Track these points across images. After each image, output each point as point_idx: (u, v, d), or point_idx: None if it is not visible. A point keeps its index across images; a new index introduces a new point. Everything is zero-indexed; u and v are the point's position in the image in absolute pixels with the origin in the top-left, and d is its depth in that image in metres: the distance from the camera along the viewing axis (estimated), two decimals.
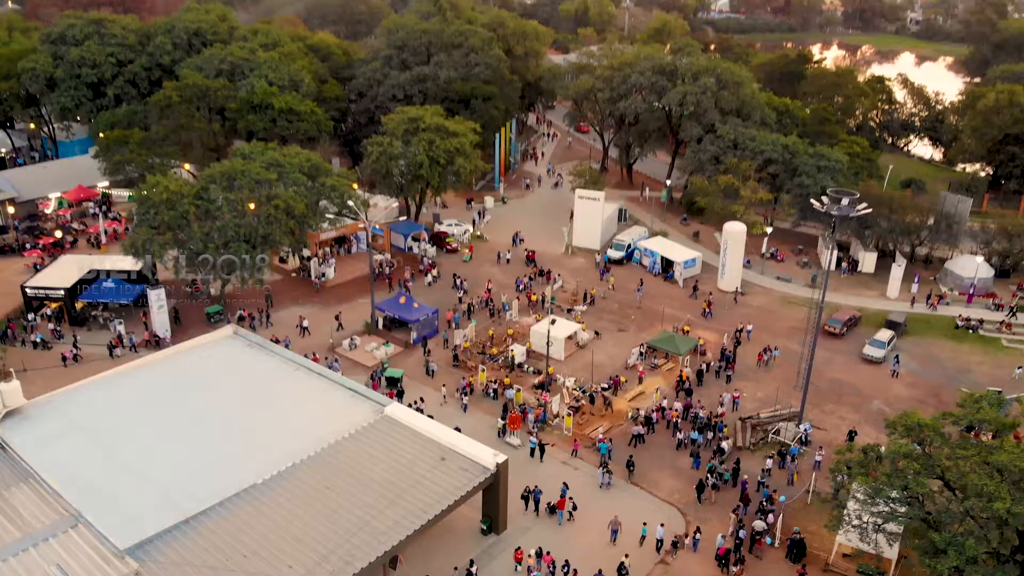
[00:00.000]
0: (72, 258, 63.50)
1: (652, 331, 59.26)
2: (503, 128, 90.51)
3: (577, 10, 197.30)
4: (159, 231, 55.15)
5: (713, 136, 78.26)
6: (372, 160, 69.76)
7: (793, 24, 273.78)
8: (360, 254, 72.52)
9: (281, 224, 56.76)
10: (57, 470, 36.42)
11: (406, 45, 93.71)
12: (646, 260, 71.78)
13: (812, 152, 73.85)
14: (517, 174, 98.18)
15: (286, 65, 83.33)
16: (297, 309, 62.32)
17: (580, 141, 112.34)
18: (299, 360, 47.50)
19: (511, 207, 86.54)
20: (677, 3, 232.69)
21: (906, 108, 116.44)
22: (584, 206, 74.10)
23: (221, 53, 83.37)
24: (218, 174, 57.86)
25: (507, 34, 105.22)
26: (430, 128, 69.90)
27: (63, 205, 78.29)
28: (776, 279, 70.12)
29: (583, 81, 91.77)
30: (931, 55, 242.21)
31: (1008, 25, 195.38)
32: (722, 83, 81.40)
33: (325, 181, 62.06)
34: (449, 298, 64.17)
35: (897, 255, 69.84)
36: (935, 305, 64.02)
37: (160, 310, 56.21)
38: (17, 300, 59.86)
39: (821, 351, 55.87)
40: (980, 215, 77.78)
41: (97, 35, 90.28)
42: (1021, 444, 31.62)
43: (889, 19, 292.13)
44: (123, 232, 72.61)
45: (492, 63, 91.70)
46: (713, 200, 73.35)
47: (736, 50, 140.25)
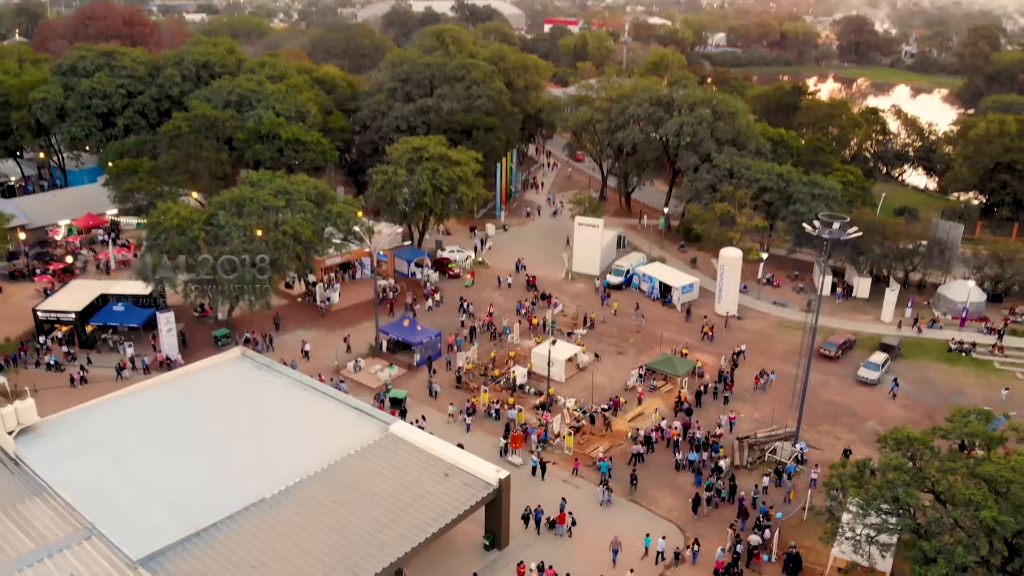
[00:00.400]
0: (82, 283, 65.03)
1: (651, 354, 60.43)
2: (504, 158, 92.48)
3: (576, 45, 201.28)
4: (170, 256, 56.62)
5: (709, 165, 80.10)
6: (377, 188, 71.50)
7: (789, 58, 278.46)
8: (364, 279, 74.00)
9: (289, 249, 58.27)
10: (71, 484, 37.35)
11: (410, 78, 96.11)
12: (644, 285, 73.17)
13: (806, 180, 75.61)
14: (518, 203, 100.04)
15: (292, 97, 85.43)
16: (302, 333, 63.53)
17: (579, 171, 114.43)
18: (306, 380, 48.61)
19: (512, 234, 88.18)
20: (674, 37, 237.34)
21: (900, 138, 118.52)
22: (584, 233, 75.67)
23: (229, 85, 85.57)
24: (227, 201, 59.49)
25: (508, 68, 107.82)
26: (433, 157, 71.77)
27: (72, 232, 79.94)
28: (772, 304, 71.42)
29: (582, 113, 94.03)
30: (926, 87, 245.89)
31: (1000, 57, 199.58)
32: (718, 114, 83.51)
33: (331, 208, 63.71)
34: (451, 322, 65.45)
35: (891, 280, 71.21)
36: (921, 328, 65.33)
37: (169, 333, 57.43)
38: (28, 324, 61.11)
39: (817, 374, 57.24)
40: (973, 242, 79.27)
41: (108, 67, 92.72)
42: (1009, 458, 32.62)
43: (884, 52, 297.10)
44: (132, 258, 74.29)
45: (493, 95, 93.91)
46: (710, 227, 74.94)
47: (732, 83, 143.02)
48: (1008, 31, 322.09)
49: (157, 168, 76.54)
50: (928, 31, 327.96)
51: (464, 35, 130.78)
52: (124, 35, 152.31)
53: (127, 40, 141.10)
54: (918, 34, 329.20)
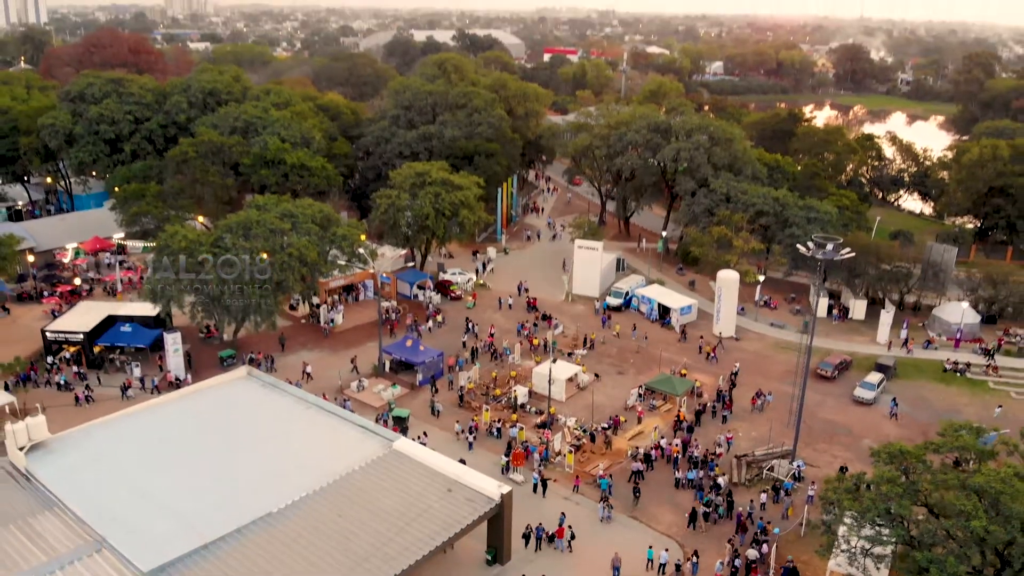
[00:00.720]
0: (90, 304, 66.09)
1: (650, 374, 61.29)
2: (505, 183, 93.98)
3: (575, 73, 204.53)
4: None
5: (706, 190, 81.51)
6: (381, 212, 72.82)
7: (786, 86, 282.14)
8: (367, 301, 75.03)
9: (294, 271, 59.38)
10: (81, 498, 38.08)
11: (412, 105, 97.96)
12: (644, 307, 74.21)
13: (802, 204, 76.96)
14: (518, 227, 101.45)
15: (297, 123, 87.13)
16: (306, 354, 64.39)
17: (579, 195, 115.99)
18: (311, 399, 49.47)
19: (513, 257, 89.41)
20: (672, 66, 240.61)
21: (895, 164, 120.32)
22: (583, 255, 76.87)
23: (235, 111, 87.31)
24: (234, 223, 60.69)
25: (508, 95, 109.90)
26: (436, 182, 73.20)
27: (80, 255, 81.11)
28: (770, 325, 72.39)
29: (581, 139, 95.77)
30: (922, 114, 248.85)
31: (995, 84, 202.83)
32: (714, 140, 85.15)
33: (336, 231, 64.90)
34: (453, 342, 66.40)
35: (886, 302, 72.25)
36: (910, 348, 66.32)
37: (176, 353, 58.31)
38: (36, 344, 62.09)
39: (814, 393, 58.11)
40: (967, 264, 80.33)
41: (116, 93, 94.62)
42: (999, 470, 33.41)
43: (880, 80, 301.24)
44: (138, 281, 75.38)
45: (494, 122, 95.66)
46: (707, 250, 76.13)
47: (730, 110, 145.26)
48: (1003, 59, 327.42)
49: (163, 193, 77.94)
50: (924, 59, 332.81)
51: (465, 64, 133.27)
52: (130, 63, 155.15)
53: (132, 68, 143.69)
54: (914, 62, 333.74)
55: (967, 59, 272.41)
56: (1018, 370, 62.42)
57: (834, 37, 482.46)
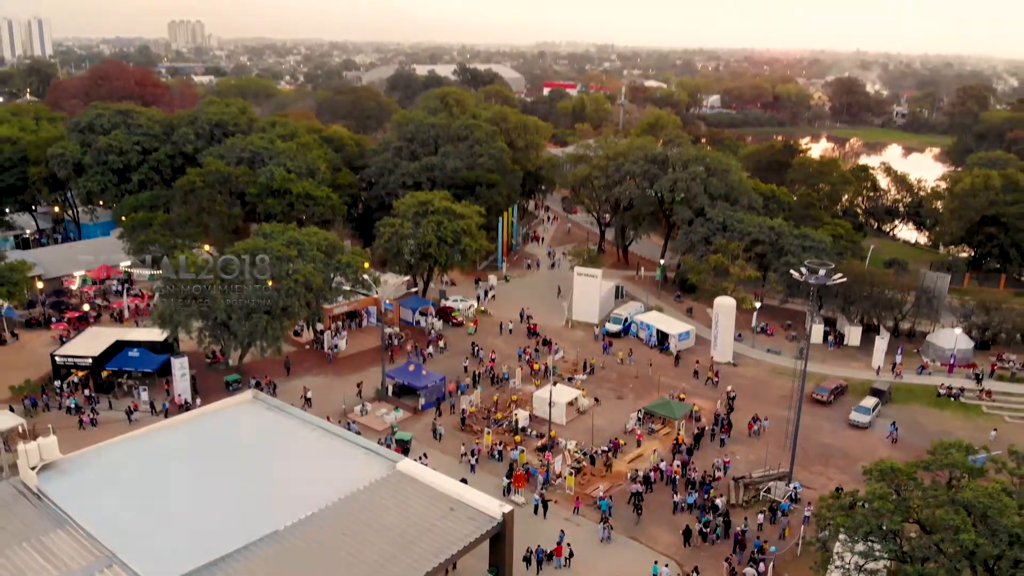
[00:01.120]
0: (98, 330, 67.24)
1: (649, 398, 62.27)
2: (506, 212, 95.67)
3: (574, 107, 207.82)
4: (185, 303, 58.97)
5: (703, 219, 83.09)
6: (384, 240, 74.26)
7: (783, 119, 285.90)
8: (369, 328, 76.16)
9: (300, 297, 60.63)
10: (92, 516, 38.84)
11: (415, 137, 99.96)
12: (642, 333, 75.34)
13: (797, 233, 78.48)
14: (519, 255, 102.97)
15: (303, 154, 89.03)
16: (310, 379, 65.38)
17: (578, 225, 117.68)
18: (316, 421, 50.39)
19: (513, 285, 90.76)
20: (670, 99, 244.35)
21: (890, 195, 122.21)
22: (583, 283, 78.21)
23: (242, 143, 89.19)
24: (242, 250, 62.06)
25: (509, 128, 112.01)
26: (438, 211, 74.81)
27: (87, 282, 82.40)
28: (766, 351, 73.48)
29: (580, 170, 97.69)
30: (917, 146, 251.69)
31: (989, 116, 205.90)
32: (710, 170, 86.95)
33: (341, 258, 66.31)
34: (455, 367, 67.46)
35: (881, 329, 73.41)
36: (899, 373, 67.56)
37: (183, 378, 59.35)
38: (45, 369, 63.08)
39: (810, 418, 59.04)
40: (960, 292, 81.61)
41: (124, 125, 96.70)
42: (987, 485, 34.33)
43: (876, 113, 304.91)
44: (145, 308, 76.64)
45: (495, 154, 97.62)
46: (704, 278, 77.49)
47: (726, 142, 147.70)
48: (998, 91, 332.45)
49: (170, 221, 79.54)
50: (919, 92, 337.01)
51: (467, 97, 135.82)
52: (136, 95, 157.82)
53: (139, 100, 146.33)
54: (909, 95, 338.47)
55: (961, 91, 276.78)
56: (1011, 395, 63.43)
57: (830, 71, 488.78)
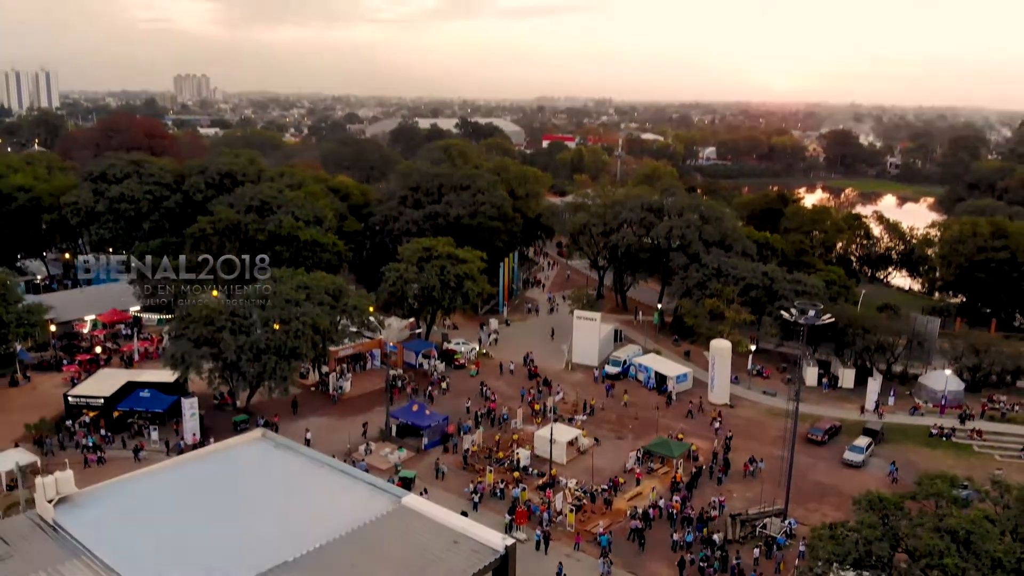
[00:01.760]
0: (110, 371, 68.94)
1: (648, 438, 63.61)
2: (507, 258, 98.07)
3: (573, 159, 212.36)
4: (197, 344, 60.79)
5: (698, 265, 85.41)
6: (389, 284, 76.43)
7: (778, 170, 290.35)
8: (373, 371, 77.84)
9: (308, 338, 62.48)
10: (107, 547, 40.03)
11: (419, 186, 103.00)
12: (641, 375, 76.98)
13: (790, 278, 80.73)
14: (520, 300, 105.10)
15: (310, 203, 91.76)
16: (316, 420, 66.82)
17: (577, 271, 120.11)
18: (324, 459, 51.75)
19: (514, 329, 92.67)
20: (666, 152, 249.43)
21: (883, 242, 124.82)
22: (582, 325, 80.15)
23: (252, 191, 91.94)
24: (252, 294, 64.12)
25: (510, 177, 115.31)
26: (442, 256, 77.17)
27: (98, 326, 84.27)
28: (762, 393, 75.10)
29: (579, 218, 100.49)
30: (912, 196, 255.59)
31: (980, 166, 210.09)
32: (705, 218, 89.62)
33: (347, 301, 68.36)
34: (457, 408, 68.97)
35: (874, 371, 75.11)
36: (883, 413, 69.29)
37: (192, 417, 60.85)
38: (55, 410, 64.46)
39: (806, 457, 60.53)
40: (952, 336, 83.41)
41: (136, 174, 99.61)
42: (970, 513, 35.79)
43: (870, 164, 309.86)
44: (154, 351, 78.42)
45: (497, 202, 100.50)
46: (700, 321, 79.44)
47: (721, 192, 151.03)
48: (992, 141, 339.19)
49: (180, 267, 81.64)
50: (912, 143, 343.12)
51: (469, 149, 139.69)
52: (145, 147, 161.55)
53: (147, 151, 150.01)
54: (903, 146, 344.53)
55: (952, 142, 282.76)
56: (1001, 434, 64.97)
57: (824, 123, 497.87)
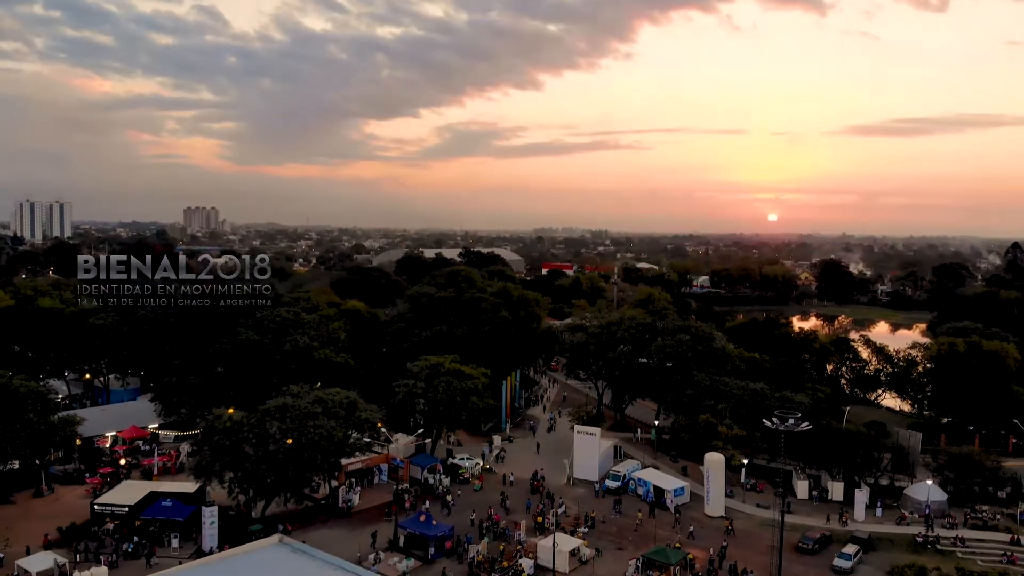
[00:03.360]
0: (132, 483, 72.41)
1: (647, 548, 66.25)
2: (509, 377, 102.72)
3: (571, 285, 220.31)
4: (219, 454, 64.74)
5: (691, 383, 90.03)
6: (399, 399, 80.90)
7: (771, 298, 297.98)
8: (381, 485, 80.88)
9: (323, 450, 66.44)
10: None
11: (427, 308, 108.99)
12: (640, 490, 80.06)
13: (777, 396, 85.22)
14: (521, 417, 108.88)
15: (325, 324, 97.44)
16: (326, 531, 69.55)
17: (576, 390, 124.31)
18: (339, 562, 54.82)
19: (516, 445, 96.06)
20: (661, 280, 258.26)
21: (872, 364, 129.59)
22: (582, 440, 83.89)
23: (270, 315, 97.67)
24: (272, 408, 68.59)
25: (512, 301, 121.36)
26: (448, 372, 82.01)
27: (118, 442, 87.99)
28: (756, 506, 77.96)
29: (577, 338, 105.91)
30: (904, 322, 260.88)
31: (965, 292, 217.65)
32: (696, 338, 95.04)
33: (360, 415, 72.71)
34: (463, 520, 71.76)
35: (861, 484, 78.31)
36: (847, 520, 72.72)
37: (212, 525, 63.89)
38: (79, 519, 67.37)
39: (797, 565, 63.32)
40: (934, 451, 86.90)
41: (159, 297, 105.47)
42: None
43: (861, 292, 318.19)
44: (172, 466, 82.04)
45: (499, 324, 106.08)
46: (695, 437, 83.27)
47: (715, 317, 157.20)
48: (983, 269, 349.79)
49: (200, 385, 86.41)
50: (902, 272, 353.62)
51: (474, 275, 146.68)
52: None
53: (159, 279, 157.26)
54: (893, 275, 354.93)
55: (938, 270, 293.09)
56: (983, 541, 67.91)
57: (815, 253, 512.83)
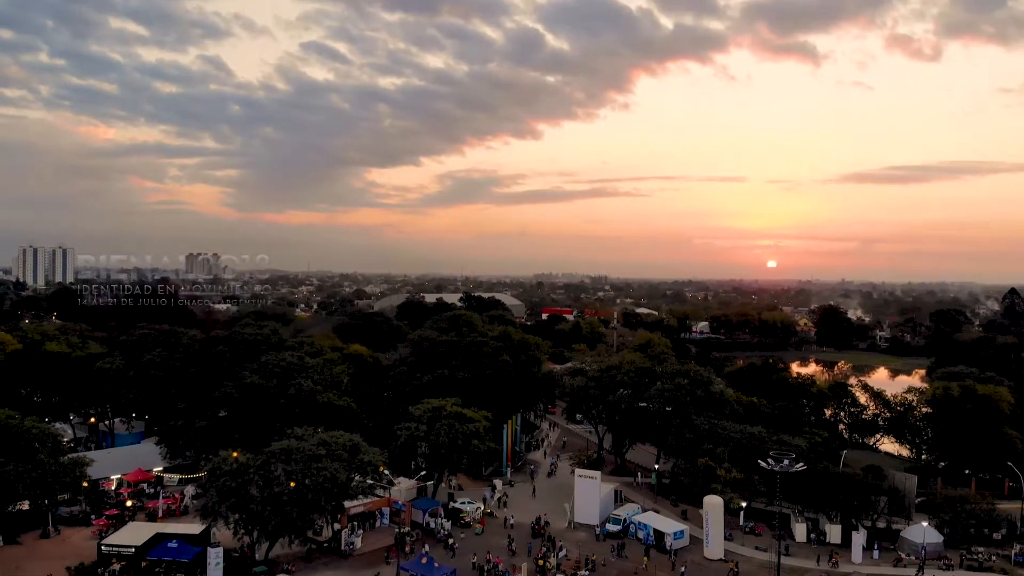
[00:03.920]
0: (138, 524, 73.34)
1: None
2: (510, 421, 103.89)
3: (571, 329, 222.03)
4: (225, 496, 65.84)
5: (689, 427, 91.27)
6: (401, 442, 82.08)
7: (771, 343, 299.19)
8: (383, 528, 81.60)
9: (327, 492, 67.55)
10: None
11: (429, 352, 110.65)
12: (640, 533, 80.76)
13: (775, 439, 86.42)
14: (522, 462, 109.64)
15: (328, 368, 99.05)
16: (329, 573, 70.33)
17: (575, 434, 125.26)
18: None
19: (517, 489, 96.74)
20: (661, 325, 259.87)
21: (870, 409, 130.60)
22: (583, 484, 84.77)
23: (275, 359, 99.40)
24: (278, 450, 69.88)
25: (513, 345, 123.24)
26: (450, 415, 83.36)
27: (123, 484, 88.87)
28: (755, 549, 78.61)
29: (577, 381, 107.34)
30: (903, 368, 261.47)
31: (962, 338, 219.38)
32: (695, 382, 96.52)
33: (363, 457, 73.91)
34: (464, 564, 72.47)
35: (858, 526, 79.14)
36: (836, 561, 73.46)
37: (217, 567, 64.71)
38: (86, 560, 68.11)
39: None
40: (929, 494, 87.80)
41: (167, 343, 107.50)
42: None
43: (860, 337, 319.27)
44: (177, 509, 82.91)
45: (500, 367, 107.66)
46: (694, 480, 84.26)
47: (714, 362, 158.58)
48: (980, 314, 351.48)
49: (205, 429, 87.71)
50: (901, 318, 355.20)
51: (475, 319, 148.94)
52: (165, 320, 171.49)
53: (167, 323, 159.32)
54: (892, 320, 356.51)
55: (935, 316, 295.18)
56: None
57: (814, 299, 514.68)
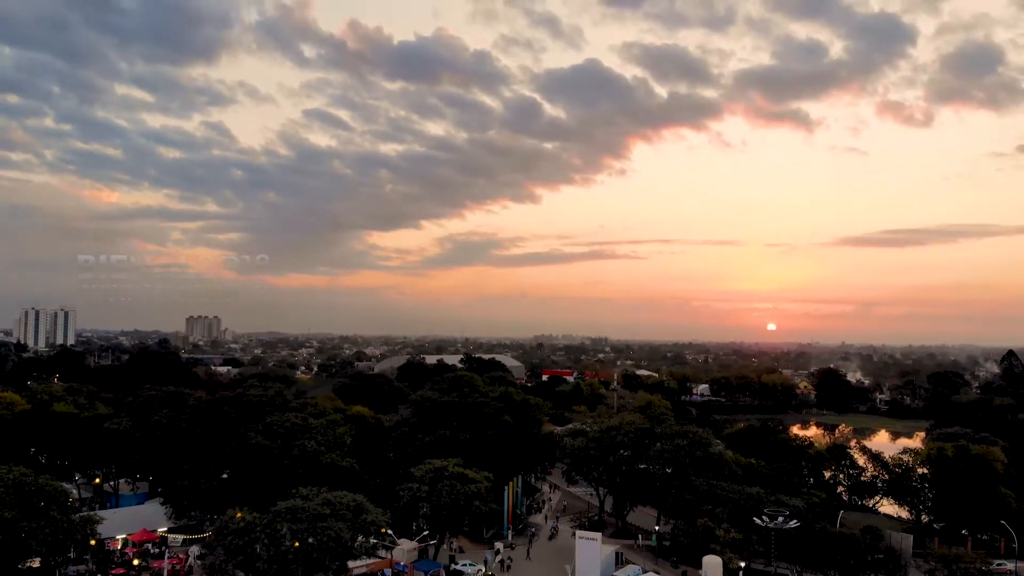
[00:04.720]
0: None
1: None
2: (511, 483, 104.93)
3: (571, 391, 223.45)
4: (232, 554, 67.05)
5: (689, 487, 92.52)
6: (404, 503, 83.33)
7: (771, 406, 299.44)
8: None
9: (332, 551, 68.77)
10: None
11: (430, 413, 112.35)
12: None
13: (773, 499, 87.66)
14: (523, 524, 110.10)
15: (331, 429, 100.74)
16: None
17: (576, 497, 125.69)
18: None
19: (518, 552, 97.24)
20: (661, 387, 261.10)
21: (868, 471, 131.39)
22: (584, 546, 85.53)
23: (280, 420, 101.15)
24: (283, 510, 71.31)
25: (513, 406, 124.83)
26: (452, 476, 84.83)
27: (128, 544, 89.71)
28: None
29: (578, 442, 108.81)
30: (903, 430, 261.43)
31: (960, 399, 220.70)
32: (694, 444, 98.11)
33: (366, 517, 75.24)
34: None
35: None
36: None
37: None
38: None
39: None
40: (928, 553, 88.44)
41: (173, 405, 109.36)
42: None
43: (860, 400, 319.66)
44: (182, 569, 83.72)
45: (501, 428, 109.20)
46: (693, 540, 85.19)
47: (714, 424, 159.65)
48: (980, 376, 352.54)
49: (210, 489, 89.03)
50: (900, 380, 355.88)
51: (476, 380, 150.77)
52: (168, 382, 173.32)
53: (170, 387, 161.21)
54: (891, 383, 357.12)
55: (932, 378, 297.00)
56: None
57: (814, 362, 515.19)
